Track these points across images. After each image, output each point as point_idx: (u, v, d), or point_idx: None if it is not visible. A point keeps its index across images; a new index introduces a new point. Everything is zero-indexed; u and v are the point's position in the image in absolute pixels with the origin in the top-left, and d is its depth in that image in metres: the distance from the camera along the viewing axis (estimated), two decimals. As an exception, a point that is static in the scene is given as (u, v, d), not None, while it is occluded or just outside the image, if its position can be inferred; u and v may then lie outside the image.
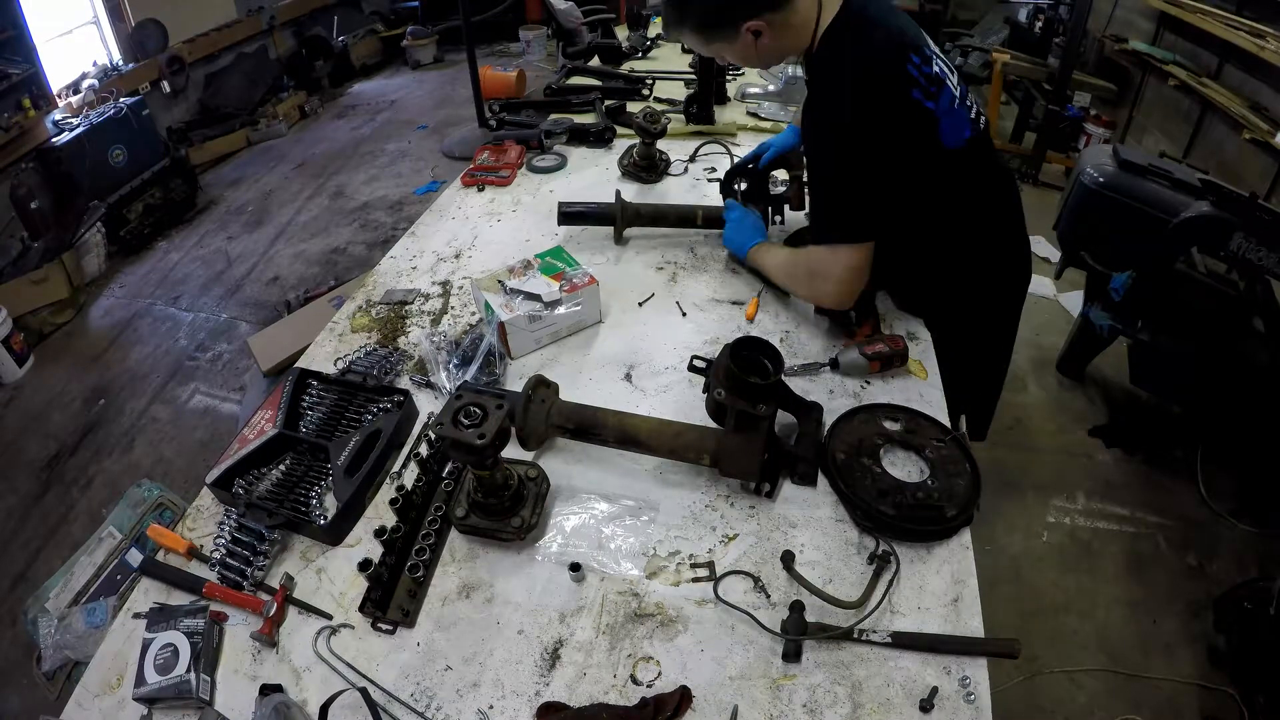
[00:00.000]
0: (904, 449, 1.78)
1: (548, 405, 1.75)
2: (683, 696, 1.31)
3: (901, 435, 1.79)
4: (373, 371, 2.02)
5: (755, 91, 3.63)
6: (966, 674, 1.36)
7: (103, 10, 6.87)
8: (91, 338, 5.36)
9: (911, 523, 1.59)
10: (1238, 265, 3.31)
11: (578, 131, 3.26)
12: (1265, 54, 4.89)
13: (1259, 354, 3.38)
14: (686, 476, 1.76)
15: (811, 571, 1.53)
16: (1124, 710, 2.92)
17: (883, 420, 1.83)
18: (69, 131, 5.98)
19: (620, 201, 2.53)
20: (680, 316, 2.27)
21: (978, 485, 1.68)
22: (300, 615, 1.50)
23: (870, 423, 1.82)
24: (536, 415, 1.71)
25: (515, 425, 1.62)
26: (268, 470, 1.78)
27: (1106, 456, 3.97)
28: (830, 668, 1.38)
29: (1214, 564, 3.46)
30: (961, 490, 1.65)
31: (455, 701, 1.35)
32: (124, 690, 1.40)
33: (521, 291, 2.12)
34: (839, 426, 1.81)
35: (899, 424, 1.82)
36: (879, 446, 1.75)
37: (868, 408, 1.86)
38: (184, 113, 7.72)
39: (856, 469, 1.69)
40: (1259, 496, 3.66)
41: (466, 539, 1.63)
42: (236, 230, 6.53)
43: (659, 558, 1.57)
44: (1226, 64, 5.76)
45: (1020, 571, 3.38)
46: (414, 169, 7.30)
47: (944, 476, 1.68)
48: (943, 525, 1.59)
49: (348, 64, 9.55)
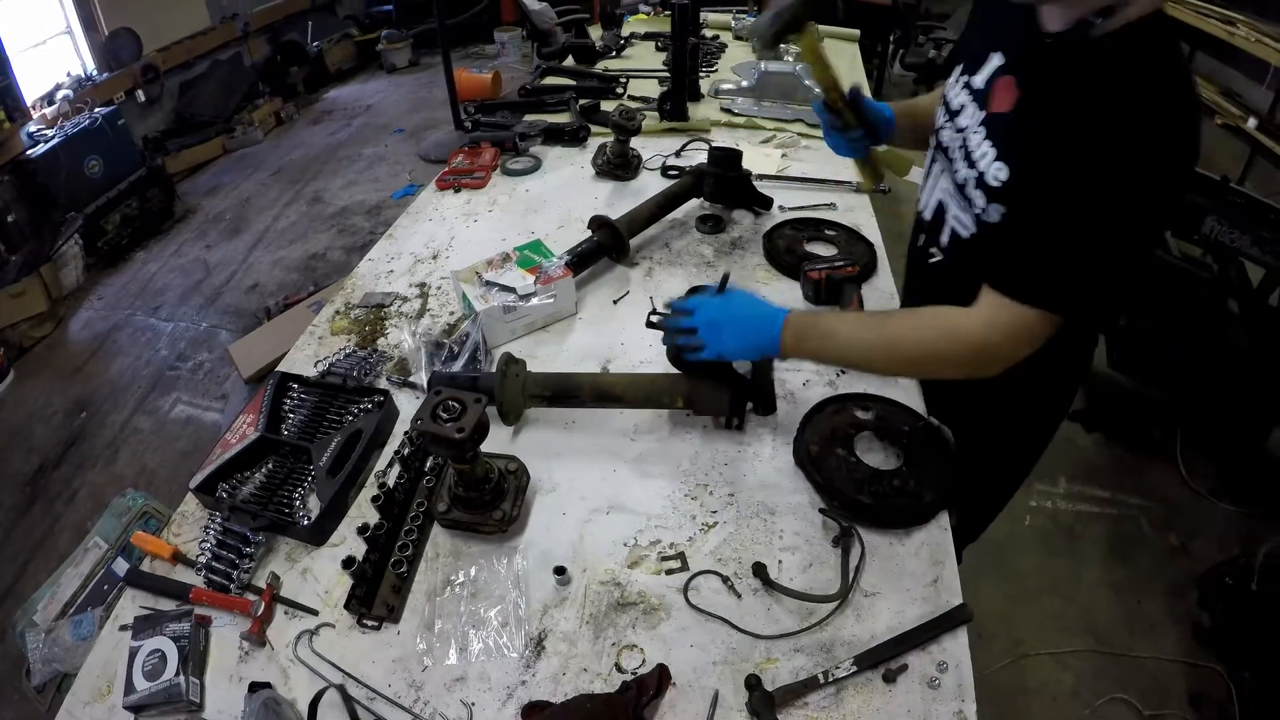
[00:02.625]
0: (878, 437, 1.78)
1: (521, 379, 1.80)
2: (662, 674, 1.32)
3: (874, 423, 1.80)
4: (353, 373, 2.03)
5: (729, 88, 3.64)
6: (944, 659, 1.38)
7: (76, 20, 6.83)
8: (71, 350, 5.33)
9: (889, 511, 1.60)
10: (1212, 248, 3.36)
11: (553, 131, 3.27)
12: (1236, 40, 4.96)
13: (1235, 335, 3.42)
14: (666, 466, 1.78)
15: (792, 557, 1.56)
16: (1112, 691, 2.95)
17: (854, 410, 1.83)
18: (44, 143, 5.94)
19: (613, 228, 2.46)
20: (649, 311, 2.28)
21: (955, 468, 1.69)
22: (287, 616, 1.51)
23: (842, 413, 1.82)
24: (513, 389, 1.76)
25: (495, 402, 1.65)
26: (251, 474, 1.79)
27: (1087, 440, 4.02)
28: (811, 652, 1.40)
29: (1196, 543, 3.51)
30: (937, 475, 1.67)
31: (442, 695, 1.36)
32: (114, 698, 1.40)
33: (497, 284, 2.15)
34: (812, 418, 1.80)
35: (871, 413, 1.82)
36: (852, 436, 1.76)
37: (839, 398, 1.86)
38: (160, 122, 7.69)
39: (831, 459, 1.69)
40: (1239, 476, 3.71)
41: (450, 534, 1.64)
42: (214, 239, 6.52)
43: (640, 547, 1.59)
44: (1198, 51, 5.84)
45: (1003, 556, 3.41)
46: (391, 173, 7.30)
47: (919, 462, 1.69)
48: (920, 511, 1.60)
49: (323, 69, 9.52)
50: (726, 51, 4.48)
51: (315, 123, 8.68)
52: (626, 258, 2.50)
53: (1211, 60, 5.65)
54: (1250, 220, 3.16)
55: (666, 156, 3.09)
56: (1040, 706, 2.93)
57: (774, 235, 2.56)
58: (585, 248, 2.40)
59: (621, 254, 2.47)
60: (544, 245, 2.34)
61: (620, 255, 2.48)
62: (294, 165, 7.62)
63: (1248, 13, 5.22)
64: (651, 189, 2.74)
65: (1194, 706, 2.94)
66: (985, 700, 1.33)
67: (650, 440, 1.86)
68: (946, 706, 1.32)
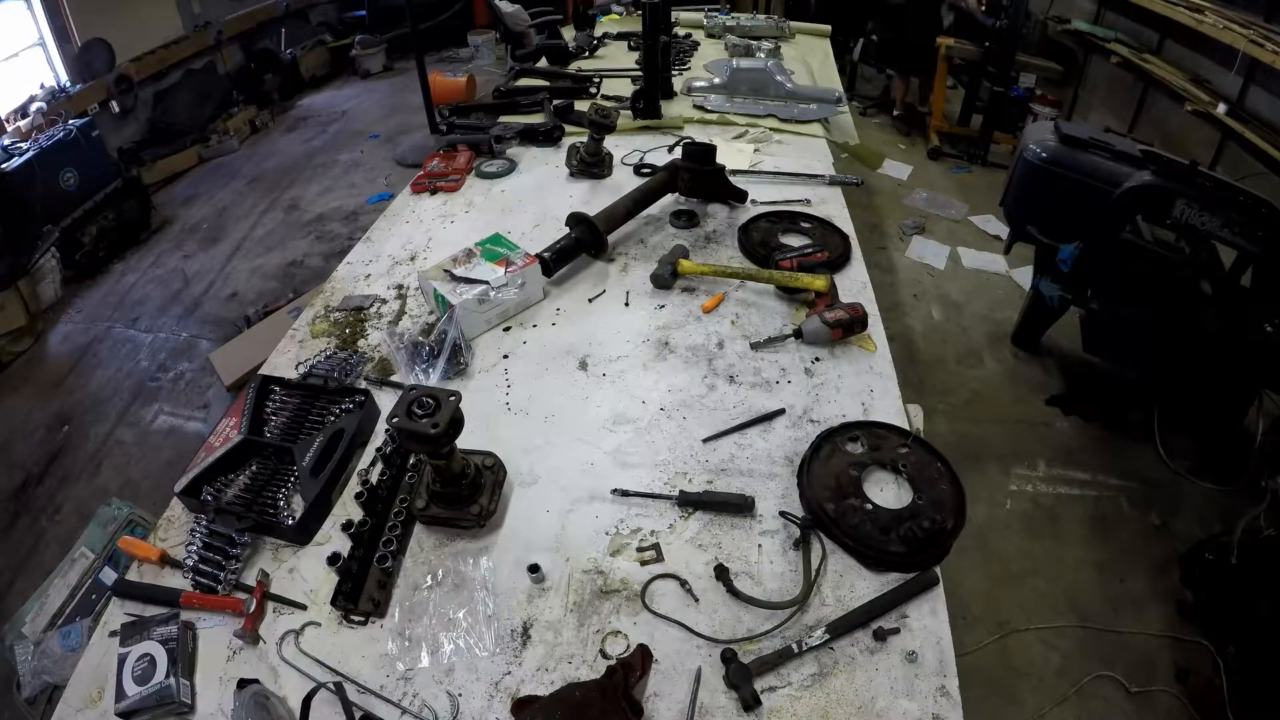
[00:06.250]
0: (879, 469, 1.76)
1: None
2: (644, 655, 1.35)
3: (869, 457, 1.77)
4: (334, 374, 2.04)
5: (701, 85, 3.67)
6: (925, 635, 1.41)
7: (48, 31, 6.78)
8: (51, 364, 5.30)
9: (922, 555, 1.56)
10: (1183, 231, 3.39)
11: (528, 132, 3.29)
12: (1204, 28, 5.01)
13: (1208, 316, 3.46)
14: (645, 455, 1.81)
15: (772, 542, 1.60)
16: (1098, 669, 2.98)
17: (845, 445, 1.80)
18: (19, 156, 5.88)
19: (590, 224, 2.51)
20: (624, 306, 2.33)
21: (958, 484, 1.71)
22: (276, 614, 1.52)
23: (835, 455, 1.78)
24: None
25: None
26: (235, 476, 1.80)
27: (1065, 424, 4.06)
28: (795, 635, 1.43)
29: (1177, 522, 3.55)
30: (947, 496, 1.68)
31: (430, 687, 1.38)
32: (105, 704, 1.41)
33: (468, 278, 2.20)
34: (810, 469, 1.73)
35: (861, 444, 1.81)
36: (856, 478, 1.72)
37: (825, 437, 1.82)
38: (134, 132, 7.64)
39: (849, 514, 1.64)
40: (1217, 454, 3.75)
41: (434, 529, 1.66)
42: (192, 248, 6.48)
43: (621, 535, 1.62)
44: (1167, 39, 5.90)
45: (986, 540, 3.45)
46: (367, 179, 7.28)
47: (927, 488, 1.69)
48: (947, 543, 1.60)
49: (297, 76, 9.49)
50: (699, 50, 4.51)
51: (290, 130, 8.65)
52: (605, 253, 2.52)
53: (1180, 47, 5.71)
54: (1221, 203, 3.21)
55: (644, 153, 3.11)
56: (1028, 687, 2.96)
57: (749, 228, 2.59)
58: (564, 244, 2.42)
59: (600, 249, 2.49)
60: (504, 238, 2.39)
61: (598, 251, 2.50)
62: (270, 173, 7.59)
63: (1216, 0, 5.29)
64: (626, 187, 2.76)
65: (1180, 681, 2.98)
66: (973, 681, 1.35)
67: (628, 431, 1.88)
68: (928, 683, 1.35)
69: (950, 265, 5.42)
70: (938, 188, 6.46)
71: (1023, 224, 3.84)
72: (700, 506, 1.66)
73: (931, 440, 1.82)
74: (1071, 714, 2.88)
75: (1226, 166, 5.02)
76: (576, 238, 2.44)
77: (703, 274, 2.35)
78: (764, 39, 4.59)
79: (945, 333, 4.77)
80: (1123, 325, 3.71)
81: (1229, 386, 3.56)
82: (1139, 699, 2.92)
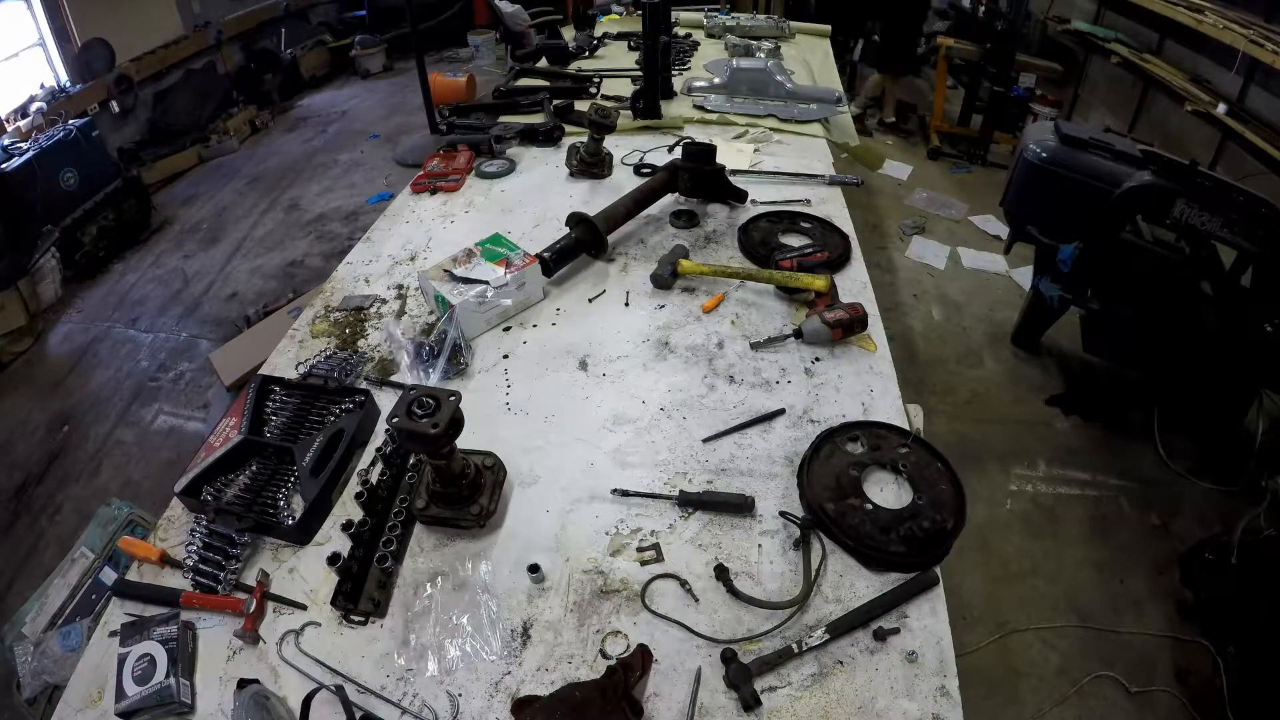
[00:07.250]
0: (879, 469, 1.76)
1: None
2: (644, 655, 1.35)
3: (869, 457, 1.77)
4: (334, 374, 2.04)
5: (701, 85, 3.67)
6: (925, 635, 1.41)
7: (48, 31, 6.77)
8: (51, 364, 5.29)
9: (922, 555, 1.57)
10: (1183, 231, 3.39)
11: (528, 132, 3.29)
12: (1204, 27, 5.01)
13: (1208, 316, 3.46)
14: (645, 454, 1.81)
15: (772, 541, 1.60)
16: (1098, 669, 2.98)
17: (845, 445, 1.80)
18: (19, 157, 5.87)
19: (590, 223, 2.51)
20: (624, 306, 2.33)
21: (958, 484, 1.71)
22: (276, 614, 1.52)
23: (835, 455, 1.78)
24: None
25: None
26: (235, 476, 1.80)
27: (1065, 424, 4.06)
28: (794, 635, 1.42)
29: (1177, 522, 3.55)
30: (947, 496, 1.68)
31: (431, 687, 1.38)
32: (105, 704, 1.40)
33: (468, 278, 2.20)
34: (810, 469, 1.74)
35: (861, 444, 1.81)
36: (856, 478, 1.72)
37: (825, 437, 1.82)
38: (134, 132, 7.63)
39: (849, 514, 1.64)
40: (1217, 455, 3.75)
41: (434, 529, 1.66)
42: (192, 248, 6.48)
43: (621, 535, 1.61)
44: (1167, 39, 5.90)
45: (986, 540, 3.45)
46: (367, 179, 7.28)
47: (927, 488, 1.69)
48: (947, 543, 1.60)
49: (297, 76, 9.48)
50: (699, 50, 4.51)
51: (290, 130, 8.64)
52: (605, 253, 2.52)
53: (1180, 47, 5.71)
54: (1220, 203, 3.20)
55: (644, 153, 3.11)
56: (1028, 687, 2.96)
57: (749, 228, 2.59)
58: (564, 244, 2.42)
59: (600, 249, 2.49)
60: (504, 238, 2.38)
61: (598, 251, 2.50)
62: (270, 173, 7.59)
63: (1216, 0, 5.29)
64: (626, 187, 2.77)
65: (1180, 681, 2.98)
66: (973, 681, 1.35)
67: (628, 431, 1.88)
68: (929, 683, 1.35)
69: (950, 265, 5.41)
70: (938, 188, 6.46)
71: (1023, 224, 3.84)
72: (700, 506, 1.66)
73: (931, 440, 1.81)
74: (1071, 714, 2.88)
75: (1226, 166, 5.02)
76: (576, 238, 2.44)
77: (703, 274, 2.35)
78: (764, 39, 4.58)
79: (945, 333, 4.76)
80: (1123, 325, 3.71)
81: (1229, 386, 3.57)
82: (1139, 699, 2.92)
